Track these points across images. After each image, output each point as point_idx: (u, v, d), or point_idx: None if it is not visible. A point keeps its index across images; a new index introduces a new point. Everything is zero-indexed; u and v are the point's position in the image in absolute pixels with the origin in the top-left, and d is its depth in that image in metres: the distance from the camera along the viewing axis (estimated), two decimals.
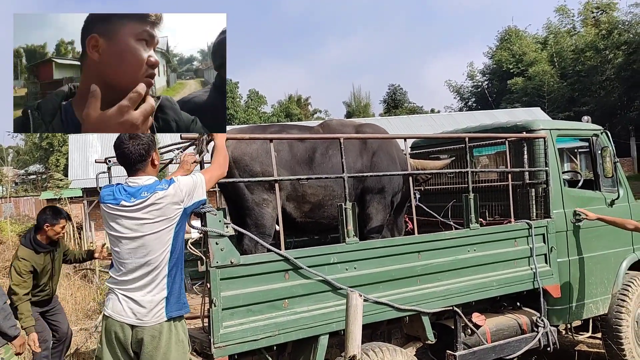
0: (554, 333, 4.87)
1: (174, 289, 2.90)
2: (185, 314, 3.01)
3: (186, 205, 2.92)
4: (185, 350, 2.96)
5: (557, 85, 33.91)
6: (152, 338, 2.84)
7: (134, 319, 2.85)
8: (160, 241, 2.85)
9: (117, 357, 2.94)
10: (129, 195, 2.85)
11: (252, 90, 47.71)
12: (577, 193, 5.29)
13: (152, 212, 2.82)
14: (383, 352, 3.88)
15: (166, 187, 2.86)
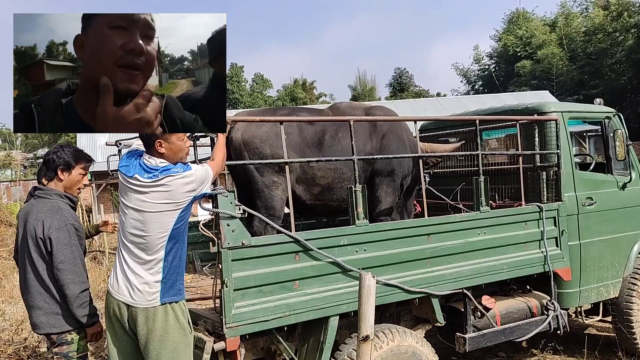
0: (564, 316, 4.86)
1: (169, 275, 2.90)
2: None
3: (196, 195, 2.93)
4: (185, 333, 2.96)
5: (567, 68, 33.55)
6: (146, 319, 2.86)
7: (130, 299, 2.87)
8: (159, 222, 2.85)
9: (116, 334, 2.99)
10: (144, 171, 2.86)
11: (257, 74, 47.62)
12: (588, 176, 5.25)
13: (160, 193, 2.83)
14: (392, 334, 3.89)
15: (181, 171, 2.86)
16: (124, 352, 2.99)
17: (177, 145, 2.94)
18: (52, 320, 3.23)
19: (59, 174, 3.35)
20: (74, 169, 3.39)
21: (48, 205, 3.27)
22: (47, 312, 3.22)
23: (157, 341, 2.86)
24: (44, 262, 3.21)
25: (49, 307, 3.23)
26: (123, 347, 2.99)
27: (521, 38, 38.21)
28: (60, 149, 3.42)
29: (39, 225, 3.20)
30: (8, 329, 5.86)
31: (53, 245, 3.17)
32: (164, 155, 2.92)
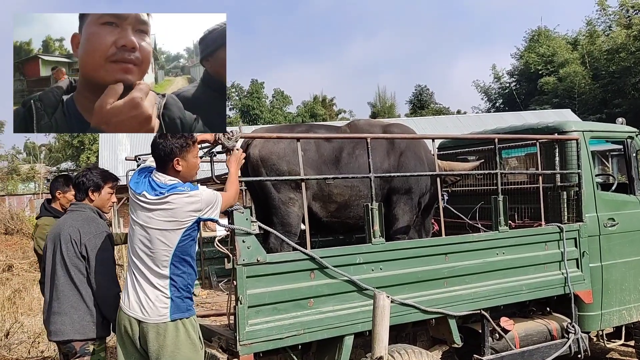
0: (585, 340, 4.75)
1: (178, 291, 2.89)
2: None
3: (201, 216, 2.92)
4: (196, 349, 2.94)
5: (589, 86, 33.19)
6: (157, 335, 2.85)
7: (140, 315, 2.87)
8: (164, 240, 2.86)
9: (127, 351, 2.98)
10: (152, 189, 2.88)
11: (276, 90, 47.93)
12: (610, 197, 5.15)
13: (165, 210, 2.84)
14: (408, 354, 3.83)
15: (187, 190, 2.87)
16: None
17: (192, 162, 2.98)
18: (77, 326, 3.30)
19: (90, 194, 3.55)
20: (103, 189, 3.60)
21: (83, 216, 3.46)
22: (73, 318, 3.30)
23: (168, 357, 2.85)
24: (77, 268, 3.33)
25: (76, 312, 3.31)
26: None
27: (542, 56, 37.98)
28: (88, 171, 3.63)
29: (75, 232, 3.35)
30: (26, 341, 5.91)
31: (89, 251, 3.32)
32: (180, 173, 2.94)
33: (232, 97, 47.12)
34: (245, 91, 47.08)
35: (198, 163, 3.06)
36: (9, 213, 16.30)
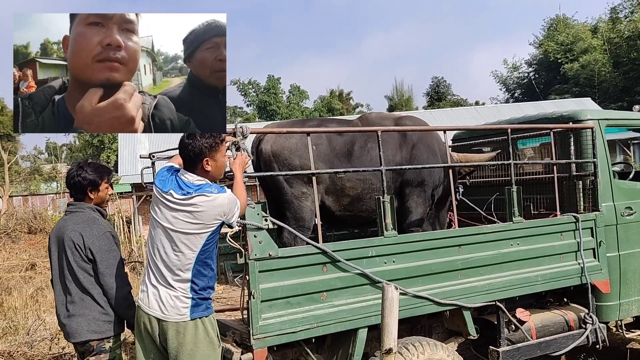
0: (603, 330, 4.70)
1: (198, 291, 2.91)
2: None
3: (226, 221, 2.93)
4: (214, 347, 2.97)
5: (610, 74, 32.59)
6: (176, 333, 2.88)
7: (160, 313, 2.89)
8: (188, 242, 2.86)
9: (146, 349, 3.01)
10: (179, 187, 2.88)
11: (293, 85, 47.92)
12: (628, 185, 5.08)
13: (191, 213, 2.84)
14: (423, 347, 3.84)
15: (215, 192, 2.86)
16: None
17: (221, 162, 2.97)
18: (94, 326, 3.31)
19: (88, 194, 3.46)
20: (101, 186, 3.50)
21: (83, 217, 3.38)
22: (89, 318, 3.30)
23: (187, 355, 2.88)
24: (85, 271, 3.31)
25: (91, 313, 3.31)
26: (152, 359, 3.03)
27: (562, 44, 37.37)
28: (82, 170, 3.46)
29: (77, 236, 3.29)
30: (47, 338, 6.03)
31: (95, 253, 3.28)
32: (210, 173, 2.94)
33: (249, 93, 47.26)
34: (262, 87, 47.18)
35: (225, 162, 3.04)
36: (32, 213, 16.62)
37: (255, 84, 47.54)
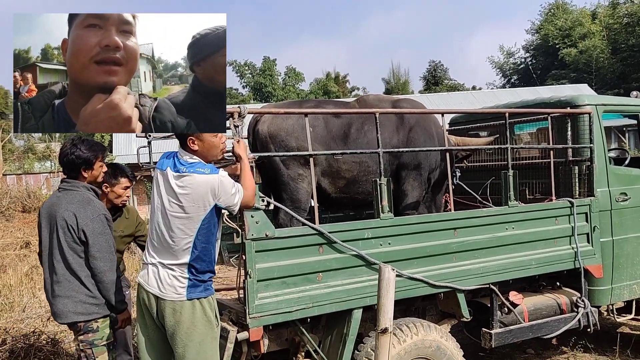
0: (595, 314, 4.76)
1: (196, 272, 2.92)
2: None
3: (219, 204, 2.90)
4: (212, 326, 2.99)
5: (608, 60, 32.52)
6: (173, 312, 2.90)
7: (158, 291, 2.92)
8: (184, 228, 2.87)
9: (146, 324, 3.05)
10: (174, 166, 2.91)
11: (288, 67, 47.65)
12: (623, 171, 5.10)
13: (182, 194, 2.85)
14: (417, 328, 3.88)
15: (207, 172, 2.86)
16: (152, 342, 3.06)
17: (209, 141, 2.94)
18: (80, 308, 3.27)
19: (82, 173, 3.38)
20: (95, 164, 3.43)
21: (78, 197, 3.32)
22: (75, 300, 3.27)
23: (184, 333, 2.91)
24: (75, 252, 3.26)
25: (78, 295, 3.27)
26: (152, 338, 3.05)
27: (560, 29, 37.23)
28: (75, 148, 3.36)
29: (71, 216, 3.24)
30: (43, 315, 6.06)
31: (88, 235, 3.24)
32: (198, 152, 2.94)
33: (245, 74, 46.98)
34: (257, 69, 46.89)
35: (218, 143, 2.99)
36: (26, 191, 16.53)
37: (251, 66, 47.24)
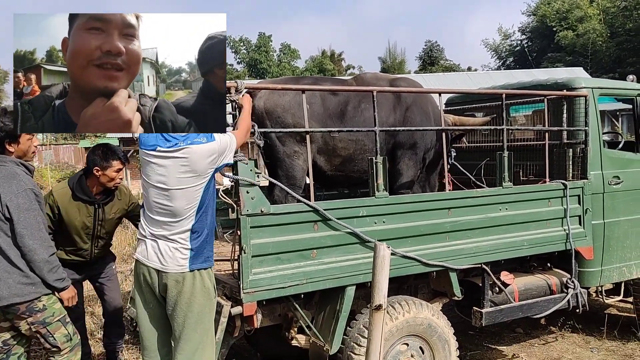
0: (584, 295, 4.82)
1: (198, 245, 2.94)
2: (216, 258, 3.07)
3: (218, 165, 2.95)
4: (210, 297, 3.03)
5: (605, 44, 32.43)
6: (176, 283, 2.92)
7: (159, 265, 2.93)
8: (185, 194, 2.87)
9: (146, 300, 3.07)
10: (165, 140, 2.86)
11: (284, 43, 47.26)
12: (616, 155, 5.13)
13: (182, 166, 2.83)
14: (409, 305, 3.92)
15: (204, 142, 2.86)
16: (153, 316, 3.08)
17: None
18: (15, 290, 3.08)
19: (7, 147, 3.17)
20: (21, 138, 3.19)
21: (3, 172, 3.11)
22: (8, 283, 3.07)
23: (184, 304, 2.94)
24: (1, 230, 3.07)
25: (10, 277, 3.08)
26: (152, 312, 3.08)
27: (557, 11, 37.03)
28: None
29: None
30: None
31: (12, 211, 3.05)
32: None
33: (240, 50, 46.55)
34: (253, 45, 46.45)
35: None
36: None
37: (246, 41, 46.79)
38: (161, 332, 3.10)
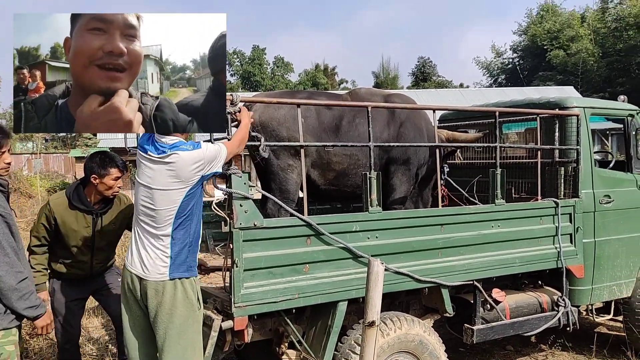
0: (575, 313, 4.82)
1: (179, 251, 2.93)
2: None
3: (204, 174, 2.96)
4: (193, 308, 2.99)
5: (597, 64, 32.82)
6: (155, 292, 2.91)
7: (142, 272, 2.93)
8: (166, 199, 2.89)
9: (130, 308, 3.06)
10: (155, 148, 2.91)
11: (277, 57, 47.47)
12: (607, 174, 5.17)
13: (168, 170, 2.87)
14: (401, 322, 3.90)
15: (190, 149, 2.89)
16: (137, 324, 3.06)
17: None
18: None
19: None
20: None
21: None
22: None
23: (165, 314, 2.91)
24: None
25: None
26: (136, 320, 3.05)
27: (549, 31, 37.50)
28: None
29: None
30: None
31: None
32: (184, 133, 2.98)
33: (234, 63, 46.67)
34: (247, 57, 46.61)
35: None
36: None
37: (240, 54, 46.95)
38: (146, 341, 3.06)
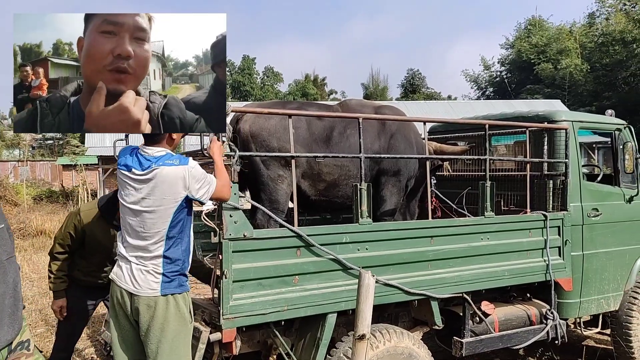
0: (563, 326, 4.84)
1: (170, 268, 2.90)
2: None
3: (190, 195, 2.90)
4: (185, 322, 2.97)
5: (585, 78, 33.21)
6: (147, 307, 2.87)
7: (132, 287, 2.88)
8: (156, 220, 2.85)
9: (119, 323, 3.01)
10: (139, 164, 2.87)
11: (267, 67, 47.57)
12: (595, 187, 5.21)
13: (153, 188, 2.83)
14: (390, 334, 3.89)
15: (176, 164, 2.85)
16: (126, 340, 3.01)
17: None
18: None
19: None
20: None
21: None
22: None
23: (157, 329, 2.88)
24: None
25: None
26: (126, 335, 3.01)
27: (536, 45, 37.93)
28: None
29: None
30: None
31: None
32: (175, 141, 2.99)
33: None
34: (236, 67, 46.63)
35: None
36: None
37: (230, 63, 46.97)
38: (135, 356, 3.02)
